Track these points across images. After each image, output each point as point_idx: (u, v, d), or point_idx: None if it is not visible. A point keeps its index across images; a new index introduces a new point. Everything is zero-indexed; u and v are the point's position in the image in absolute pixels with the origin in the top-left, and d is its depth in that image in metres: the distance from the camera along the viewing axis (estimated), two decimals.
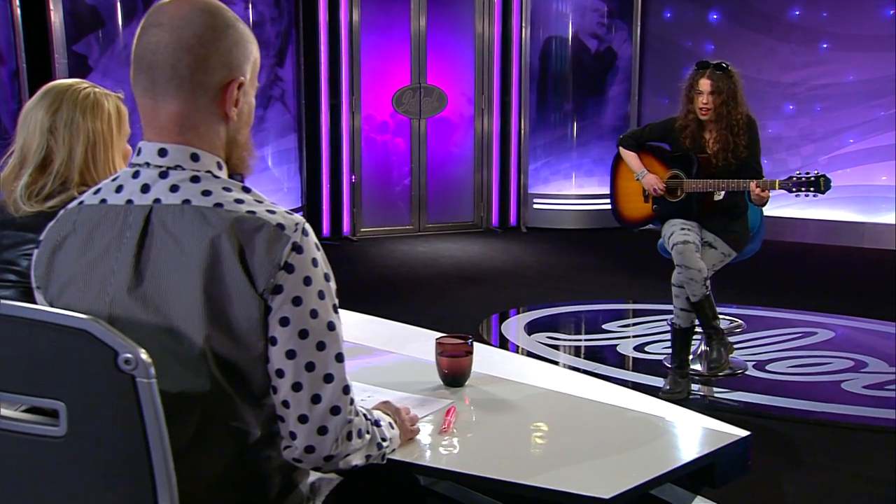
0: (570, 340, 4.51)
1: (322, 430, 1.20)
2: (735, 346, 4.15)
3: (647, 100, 8.20)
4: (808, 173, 3.44)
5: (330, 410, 1.20)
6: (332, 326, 1.22)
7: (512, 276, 6.25)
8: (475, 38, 8.04)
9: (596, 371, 3.94)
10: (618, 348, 4.30)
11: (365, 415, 1.29)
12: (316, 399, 1.20)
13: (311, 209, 7.55)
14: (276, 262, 1.17)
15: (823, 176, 3.40)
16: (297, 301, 1.18)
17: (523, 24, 8.05)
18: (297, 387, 1.19)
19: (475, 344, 1.90)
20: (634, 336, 4.51)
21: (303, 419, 1.20)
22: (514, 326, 4.81)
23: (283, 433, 1.22)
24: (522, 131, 8.20)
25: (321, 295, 1.21)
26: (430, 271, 6.43)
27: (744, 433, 1.42)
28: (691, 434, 1.48)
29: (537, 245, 7.57)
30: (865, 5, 7.22)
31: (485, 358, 1.86)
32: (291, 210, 7.10)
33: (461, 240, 7.80)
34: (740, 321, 4.31)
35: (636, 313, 5.06)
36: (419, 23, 7.77)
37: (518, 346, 4.42)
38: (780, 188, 3.43)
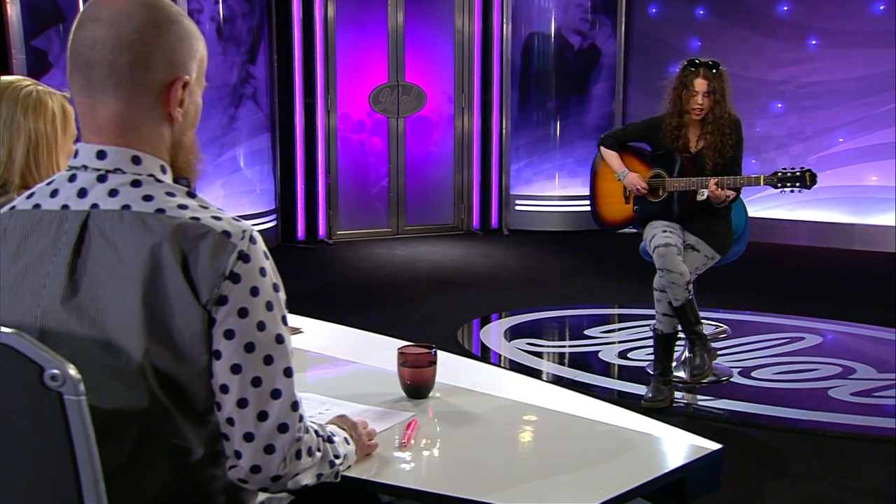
0: (551, 347, 4.50)
1: (269, 449, 1.18)
2: (720, 352, 4.15)
3: (631, 98, 8.23)
4: (793, 168, 3.45)
5: (277, 428, 1.18)
6: (280, 339, 1.19)
7: (493, 281, 6.24)
8: (455, 34, 8.03)
9: (577, 378, 3.93)
10: (600, 355, 4.30)
11: (316, 431, 1.27)
12: (262, 416, 1.17)
13: (285, 211, 7.52)
14: (220, 272, 1.14)
15: (809, 171, 3.41)
16: (242, 313, 1.16)
17: (504, 20, 8.05)
18: (242, 403, 1.16)
19: (441, 353, 1.88)
20: (617, 342, 4.50)
21: (248, 437, 1.17)
22: (494, 332, 4.80)
23: (228, 452, 1.19)
24: (504, 130, 8.19)
25: (269, 306, 1.18)
26: (408, 275, 6.41)
27: (716, 446, 1.41)
28: (662, 447, 1.46)
29: (519, 248, 7.56)
30: (855, 1, 7.28)
31: (451, 368, 1.84)
32: (267, 211, 7.00)
33: (441, 243, 7.79)
34: (725, 326, 4.32)
35: (621, 318, 5.06)
36: (397, 18, 7.76)
37: (500, 355, 4.41)
38: (764, 184, 3.45)
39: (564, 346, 4.59)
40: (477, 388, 1.74)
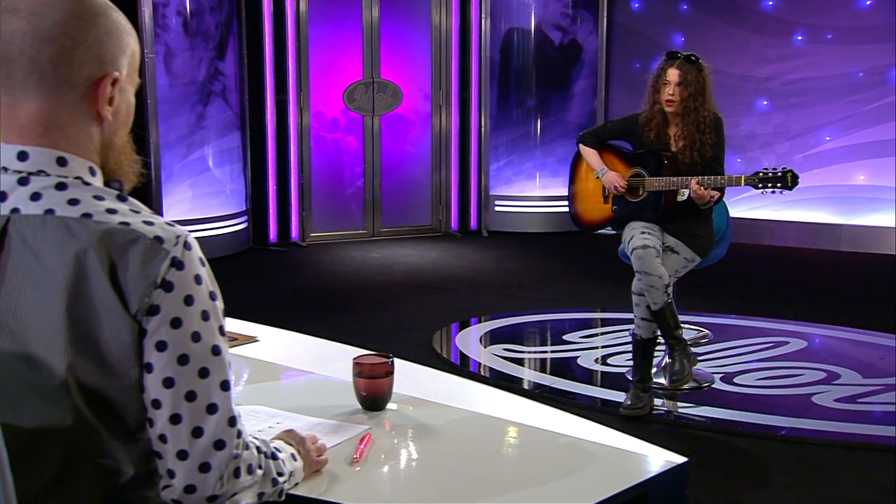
0: (528, 353, 4.48)
1: (204, 468, 1.14)
2: (701, 357, 4.15)
3: (614, 95, 8.24)
4: (774, 169, 3.45)
5: (213, 445, 1.14)
6: (217, 351, 1.16)
7: (471, 284, 6.22)
8: (432, 29, 8.01)
9: (554, 385, 3.91)
10: (579, 360, 4.28)
11: (258, 447, 1.24)
12: (197, 432, 1.14)
13: (256, 213, 7.47)
14: (151, 280, 1.11)
15: (791, 171, 3.41)
16: (176, 323, 1.12)
17: (483, 15, 8.03)
18: (175, 419, 1.13)
19: (401, 363, 1.85)
20: (597, 347, 4.49)
21: (182, 455, 1.14)
22: (471, 338, 4.78)
23: (161, 471, 1.16)
24: (483, 129, 8.17)
25: (205, 316, 1.15)
26: (383, 279, 6.38)
27: (681, 459, 1.39)
28: (625, 461, 1.44)
29: (499, 250, 7.55)
30: None
31: (410, 378, 1.81)
32: (237, 212, 6.93)
33: (418, 245, 7.76)
34: (706, 331, 4.31)
35: (603, 322, 5.05)
36: (372, 13, 7.72)
37: (476, 361, 4.38)
38: (745, 184, 3.45)
39: (542, 352, 4.57)
40: (437, 399, 1.71)
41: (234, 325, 2.18)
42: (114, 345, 1.10)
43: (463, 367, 4.27)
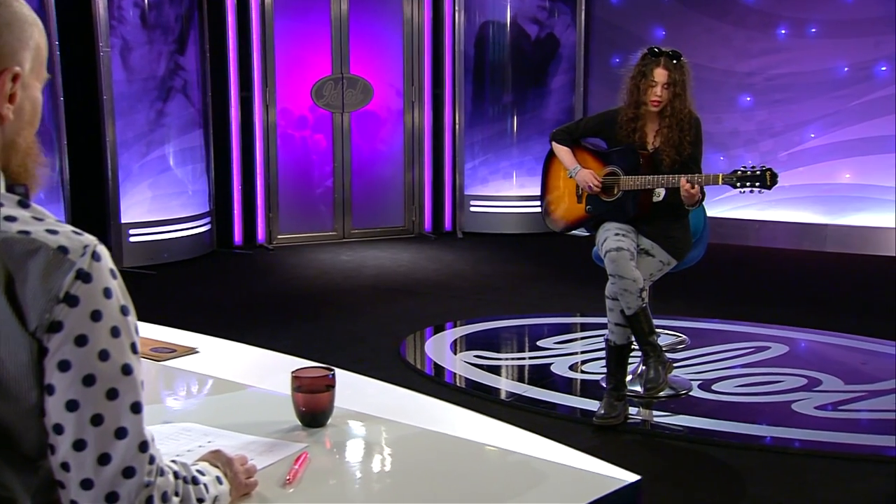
0: (500, 359, 4.44)
1: (111, 497, 1.09)
2: (678, 363, 4.14)
3: (593, 91, 8.22)
4: (753, 167, 3.43)
5: (122, 472, 1.09)
6: (127, 370, 1.10)
7: (444, 288, 6.18)
8: (403, 23, 7.97)
9: (526, 394, 3.88)
10: (552, 367, 4.25)
11: (176, 472, 1.19)
12: (104, 459, 1.08)
13: (220, 214, 7.40)
14: (53, 294, 1.05)
15: (770, 170, 3.39)
16: (81, 340, 1.07)
17: (456, 8, 8.01)
18: (79, 445, 1.07)
19: (346, 374, 1.81)
20: (574, 353, 4.46)
21: (87, 484, 1.08)
22: (442, 344, 4.74)
23: (64, 503, 1.10)
24: (457, 126, 8.14)
25: (115, 332, 1.10)
26: (353, 283, 6.33)
27: (633, 478, 1.35)
28: (575, 479, 1.40)
29: (474, 252, 7.52)
30: None
31: (356, 390, 1.76)
32: (200, 214, 6.86)
33: (390, 247, 7.72)
34: (684, 336, 4.29)
35: (583, 327, 5.02)
36: (341, 6, 7.67)
37: (443, 368, 4.34)
38: (723, 183, 3.43)
39: (515, 359, 4.54)
40: (383, 415, 1.66)
41: (173, 335, 2.13)
42: (10, 365, 1.04)
43: (431, 376, 4.23)
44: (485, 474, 1.46)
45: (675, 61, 3.53)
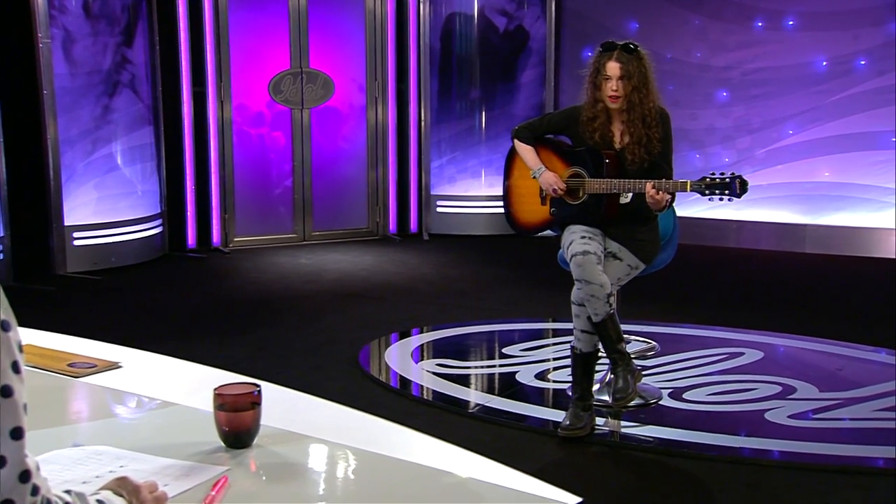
0: (463, 368, 4.39)
1: None
2: (648, 371, 4.12)
3: (564, 86, 8.21)
4: (722, 174, 3.40)
5: None
6: (6, 392, 1.04)
7: (409, 292, 6.13)
8: (366, 14, 7.92)
9: (490, 405, 3.84)
10: (517, 376, 4.21)
11: (68, 503, 1.12)
12: None
13: (173, 216, 7.31)
14: None
15: (739, 177, 3.37)
16: None
17: (421, 0, 7.97)
18: None
19: (277, 389, 1.75)
20: (538, 361, 4.42)
21: None
22: (402, 352, 4.68)
23: None
24: (422, 123, 8.11)
25: None
26: (312, 287, 6.27)
27: (574, 500, 1.31)
28: (512, 502, 1.36)
29: (441, 255, 7.48)
30: None
31: (288, 407, 1.71)
32: (151, 215, 6.79)
33: (352, 250, 7.66)
34: (654, 343, 4.26)
35: (555, 333, 4.99)
36: None
37: (408, 380, 4.29)
38: (691, 190, 3.39)
39: (478, 367, 4.50)
40: (316, 434, 1.61)
41: (96, 349, 2.06)
42: None
43: (390, 385, 4.17)
44: (419, 496, 1.41)
45: (629, 53, 3.51)
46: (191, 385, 1.91)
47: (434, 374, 4.27)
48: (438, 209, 8.23)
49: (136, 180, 6.88)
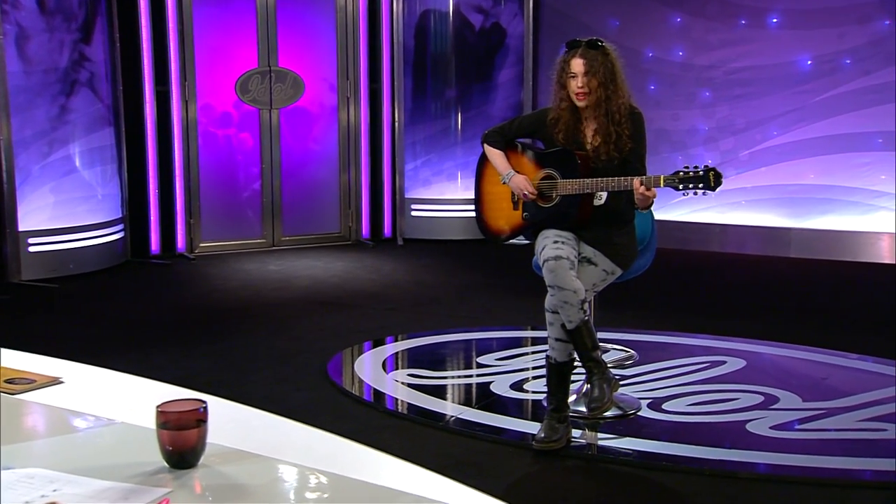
0: (436, 378, 4.37)
1: None
2: (627, 380, 4.11)
3: (543, 86, 8.21)
4: (696, 167, 3.40)
5: None
6: None
7: (382, 300, 6.11)
8: (336, 11, 7.91)
9: (462, 416, 3.81)
10: (491, 386, 4.19)
11: None
12: None
13: (135, 220, 7.27)
14: None
15: (713, 170, 3.37)
16: None
17: None
18: None
19: (229, 405, 1.72)
20: (513, 371, 4.40)
21: None
22: (372, 362, 4.65)
23: None
24: (396, 124, 8.10)
25: None
26: (281, 295, 6.23)
27: None
28: None
29: (415, 260, 7.46)
30: None
31: (239, 424, 1.67)
32: (112, 220, 6.73)
33: (324, 255, 7.63)
34: (632, 351, 4.26)
35: (534, 341, 4.97)
36: None
37: (385, 393, 4.26)
38: (665, 185, 3.39)
39: (452, 377, 4.47)
40: (265, 452, 1.57)
41: (37, 363, 2.01)
42: None
43: (358, 396, 4.14)
44: None
45: (594, 49, 3.51)
46: (136, 401, 1.87)
47: (407, 384, 4.24)
48: (413, 213, 8.22)
49: (96, 183, 6.82)
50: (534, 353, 4.70)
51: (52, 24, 6.36)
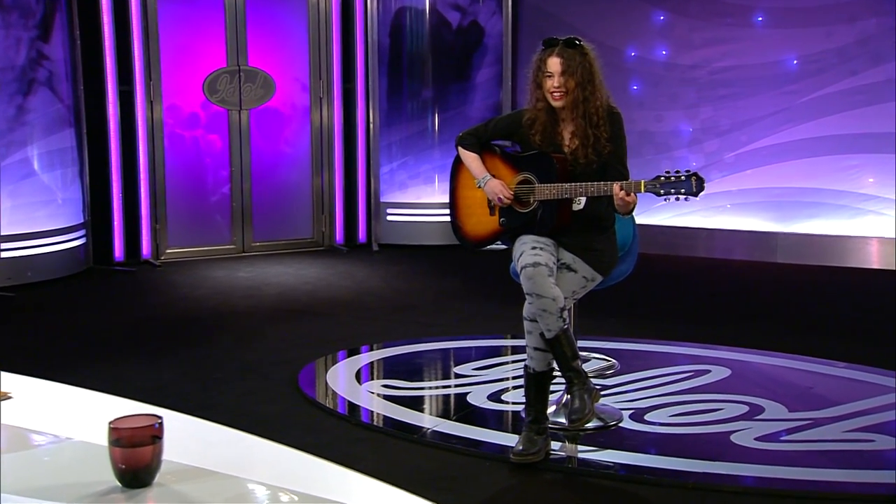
0: (411, 389, 4.35)
1: None
2: (609, 391, 4.12)
3: (522, 86, 8.09)
4: (677, 172, 3.40)
5: None
6: None
7: (357, 308, 6.09)
8: (308, 8, 7.90)
9: (438, 429, 3.80)
10: (469, 397, 4.18)
11: None
12: None
13: (97, 225, 7.23)
14: None
15: (695, 175, 3.37)
16: None
17: None
18: None
19: (187, 420, 1.70)
20: (490, 381, 4.40)
21: None
22: (344, 373, 4.63)
23: None
24: (371, 125, 8.09)
25: None
26: (251, 303, 6.20)
27: None
28: None
29: (391, 267, 7.45)
30: None
31: (197, 440, 1.66)
32: (73, 226, 6.67)
33: (296, 262, 7.61)
34: (613, 361, 4.25)
35: (513, 350, 4.97)
36: None
37: (357, 405, 4.24)
38: (645, 191, 3.38)
39: (428, 388, 4.45)
40: (223, 469, 1.56)
41: None
42: None
43: (329, 408, 4.12)
44: None
45: (571, 48, 3.51)
46: (90, 417, 1.85)
47: (381, 396, 4.22)
48: (388, 218, 8.21)
49: (56, 187, 6.77)
50: (513, 362, 4.70)
51: (8, 20, 6.32)
